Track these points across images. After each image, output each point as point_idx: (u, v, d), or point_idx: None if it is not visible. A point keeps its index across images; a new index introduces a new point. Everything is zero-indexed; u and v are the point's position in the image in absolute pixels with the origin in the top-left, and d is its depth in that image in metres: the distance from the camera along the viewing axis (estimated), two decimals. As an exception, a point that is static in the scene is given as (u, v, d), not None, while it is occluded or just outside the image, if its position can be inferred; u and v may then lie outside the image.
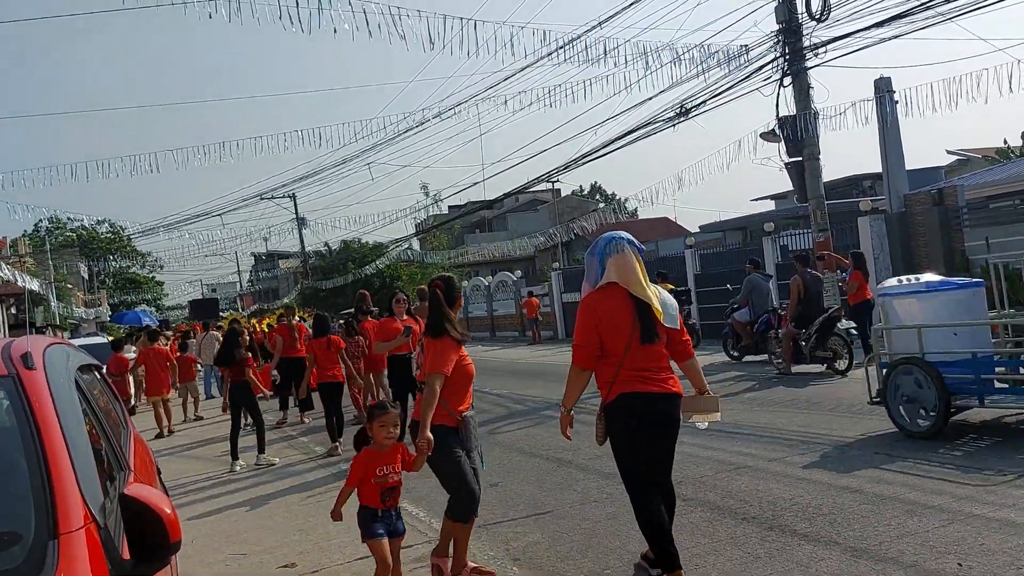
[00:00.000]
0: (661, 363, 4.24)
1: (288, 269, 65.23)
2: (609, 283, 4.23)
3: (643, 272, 4.26)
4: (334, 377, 10.15)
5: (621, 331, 4.16)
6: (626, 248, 4.25)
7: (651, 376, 4.17)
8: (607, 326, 4.18)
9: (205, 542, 6.35)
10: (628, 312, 4.17)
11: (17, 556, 1.95)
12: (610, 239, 4.32)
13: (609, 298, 4.22)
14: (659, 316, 4.19)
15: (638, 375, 4.14)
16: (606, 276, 4.24)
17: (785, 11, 15.01)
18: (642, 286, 4.20)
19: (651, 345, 4.18)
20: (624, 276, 4.20)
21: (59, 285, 33.40)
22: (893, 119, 16.67)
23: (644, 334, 4.15)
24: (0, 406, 2.52)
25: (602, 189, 75.60)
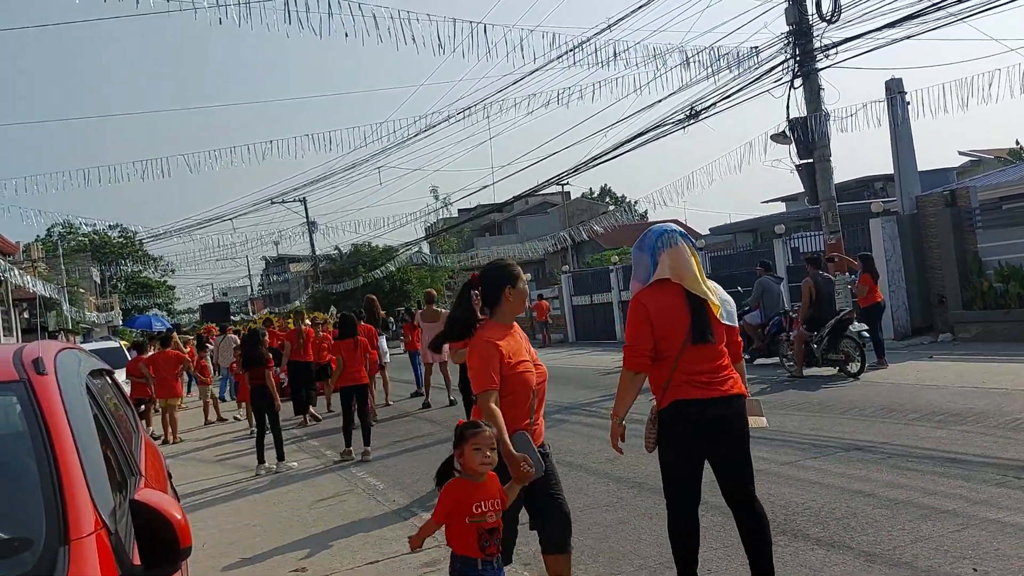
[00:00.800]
0: (721, 363, 3.90)
1: (299, 273, 65.39)
2: (662, 279, 3.91)
3: (699, 266, 3.94)
4: (359, 379, 9.90)
5: (675, 330, 3.83)
6: (679, 241, 3.93)
7: (709, 379, 3.85)
8: (660, 325, 3.85)
9: (215, 547, 6.36)
10: (683, 309, 3.85)
11: (28, 562, 1.96)
12: (661, 232, 3.99)
13: (662, 295, 3.90)
14: (716, 313, 3.90)
15: (694, 379, 3.82)
16: (658, 271, 3.91)
17: (795, 12, 14.96)
18: (698, 281, 3.88)
19: (708, 345, 3.86)
20: (678, 271, 3.88)
21: (71, 290, 33.57)
22: (904, 120, 16.59)
23: (700, 332, 3.84)
24: (12, 411, 2.53)
25: (612, 191, 75.48)
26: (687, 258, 3.90)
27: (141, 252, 53.50)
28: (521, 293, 3.95)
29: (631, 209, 29.03)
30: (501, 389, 3.73)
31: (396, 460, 9.29)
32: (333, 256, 48.91)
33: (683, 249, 3.91)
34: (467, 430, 3.55)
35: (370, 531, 6.33)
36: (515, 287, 3.92)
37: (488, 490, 3.52)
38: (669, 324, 3.84)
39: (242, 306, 77.55)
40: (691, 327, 3.82)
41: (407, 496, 7.39)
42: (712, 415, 3.83)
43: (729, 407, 3.87)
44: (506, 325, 3.93)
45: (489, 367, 3.73)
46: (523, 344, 3.95)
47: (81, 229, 55.08)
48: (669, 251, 3.90)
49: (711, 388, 3.83)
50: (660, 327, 3.85)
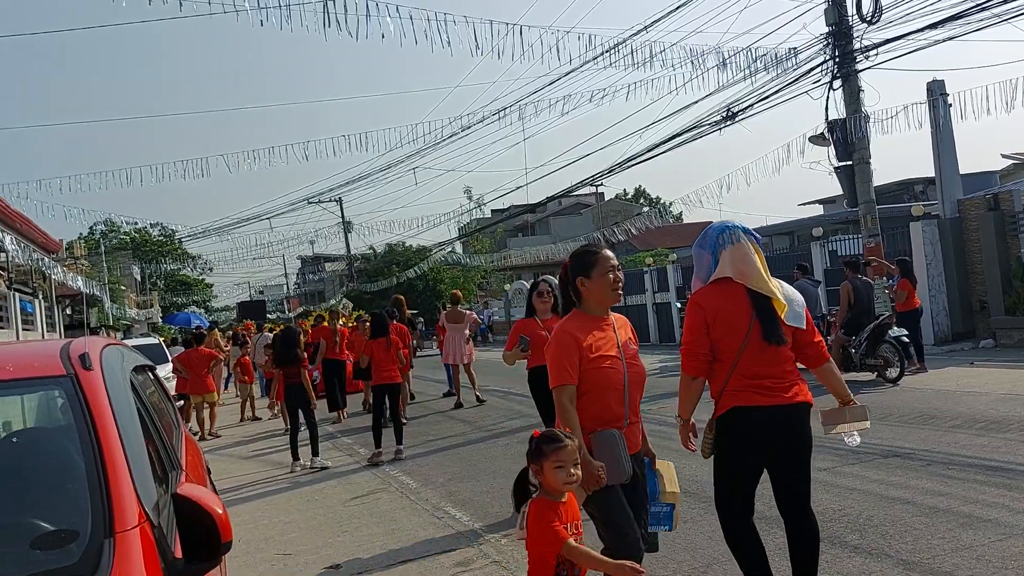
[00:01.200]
0: (785, 368, 3.65)
1: (334, 272, 65.95)
2: (723, 278, 3.71)
3: (763, 264, 3.71)
4: (391, 378, 9.85)
5: (735, 331, 3.62)
6: (742, 237, 3.71)
7: (773, 385, 3.60)
8: (719, 326, 3.63)
9: (250, 543, 6.44)
10: (744, 309, 3.63)
11: (74, 554, 2.00)
12: (723, 228, 3.77)
13: (721, 294, 3.69)
14: (782, 313, 3.64)
15: (755, 384, 3.59)
16: (719, 270, 3.71)
17: (835, 13, 14.80)
18: (763, 278, 3.65)
19: (772, 347, 3.60)
20: (740, 269, 3.66)
21: (113, 287, 34.16)
22: (946, 122, 16.31)
23: (766, 332, 3.59)
24: (59, 405, 2.59)
25: (646, 193, 75.21)
26: (750, 255, 3.69)
27: (180, 250, 54.28)
28: (599, 282, 3.56)
29: (666, 211, 28.79)
30: (581, 385, 3.44)
31: (429, 459, 9.33)
32: (368, 255, 49.27)
33: (746, 246, 3.70)
34: (547, 444, 3.12)
35: (403, 529, 6.37)
36: (589, 276, 3.57)
37: (570, 510, 3.12)
38: (727, 325, 3.63)
39: (278, 304, 78.40)
40: (756, 327, 3.61)
41: (439, 495, 7.42)
42: (775, 424, 3.60)
43: (794, 416, 3.64)
44: (594, 316, 3.60)
45: (565, 360, 3.44)
46: (616, 337, 3.59)
47: (122, 227, 56.09)
48: (731, 248, 3.70)
49: (774, 395, 3.59)
50: (717, 328, 3.64)
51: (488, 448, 9.58)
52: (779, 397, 3.59)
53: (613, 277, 3.58)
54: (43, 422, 3.26)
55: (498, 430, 10.85)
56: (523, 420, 11.49)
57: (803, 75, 15.36)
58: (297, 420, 9.77)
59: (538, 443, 3.15)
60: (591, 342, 3.48)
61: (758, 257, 3.71)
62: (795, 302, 3.73)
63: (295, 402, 9.75)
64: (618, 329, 3.64)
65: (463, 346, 14.18)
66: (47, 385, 2.63)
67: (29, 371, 2.64)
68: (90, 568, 1.93)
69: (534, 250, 43.56)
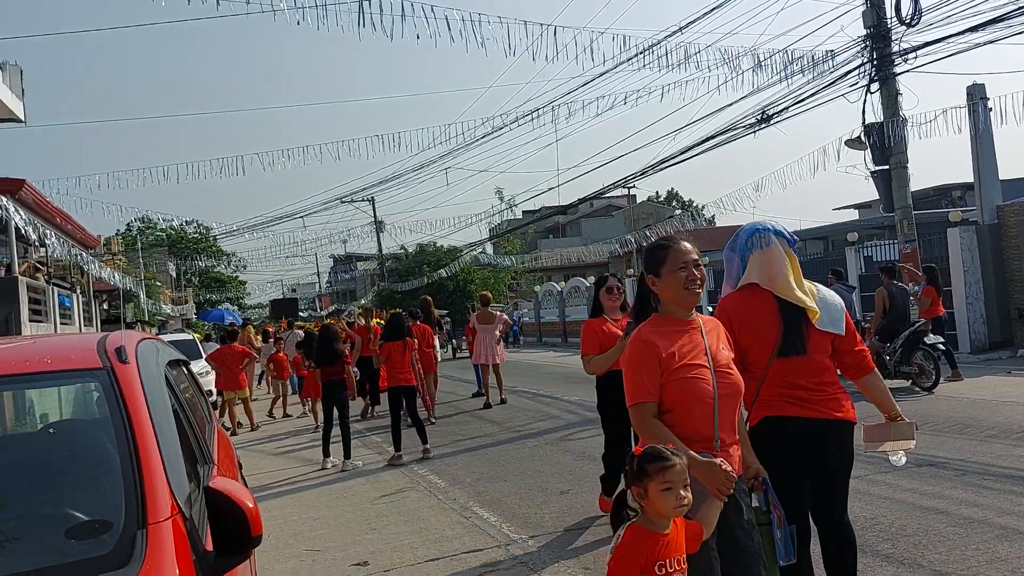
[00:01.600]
0: (822, 378, 3.44)
1: (365, 271, 66.35)
2: (750, 284, 3.53)
3: (795, 268, 3.50)
4: (407, 380, 9.88)
5: (764, 340, 3.42)
6: (772, 240, 3.50)
7: (807, 396, 3.39)
8: (746, 334, 3.43)
9: (279, 539, 6.49)
10: (772, 318, 3.43)
11: (108, 544, 2.02)
12: (753, 231, 3.54)
13: (748, 301, 3.50)
14: (814, 319, 3.44)
15: (788, 393, 3.39)
16: (746, 275, 3.53)
17: (874, 16, 14.63)
18: (790, 285, 3.44)
19: (801, 357, 3.41)
20: (767, 274, 3.47)
21: (148, 283, 34.64)
22: (986, 127, 16.05)
23: (789, 344, 3.39)
24: (95, 397, 2.63)
25: (679, 195, 74.76)
26: (779, 260, 3.48)
27: (215, 248, 54.95)
28: (671, 280, 2.97)
29: (698, 214, 28.60)
30: (662, 401, 2.90)
31: (457, 459, 9.35)
32: (399, 255, 49.50)
33: (776, 250, 3.49)
34: (651, 463, 2.59)
35: (431, 528, 6.39)
36: (659, 275, 3.01)
37: (674, 543, 2.61)
38: (755, 333, 3.43)
39: (310, 303, 79.06)
40: (780, 337, 3.40)
41: (467, 495, 7.43)
42: (809, 439, 3.39)
43: (831, 433, 3.41)
44: (676, 319, 3.01)
45: (643, 373, 2.90)
46: (704, 343, 2.98)
47: (159, 224, 56.90)
48: (759, 252, 3.50)
49: (809, 406, 3.39)
50: (744, 337, 3.43)
51: (516, 449, 9.58)
52: (814, 409, 3.39)
53: (687, 274, 2.96)
54: (79, 414, 3.31)
55: (527, 431, 10.84)
56: (552, 422, 11.48)
57: (840, 78, 15.21)
58: (331, 418, 9.77)
59: (640, 462, 2.62)
60: (673, 350, 2.91)
61: (790, 261, 3.50)
62: (832, 306, 3.51)
63: (332, 401, 9.77)
64: (707, 333, 3.02)
65: (494, 347, 14.27)
66: (84, 377, 2.66)
67: (66, 363, 2.68)
68: (123, 558, 1.96)
69: (565, 252, 43.58)
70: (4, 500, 2.32)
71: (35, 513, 2.26)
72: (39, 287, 14.83)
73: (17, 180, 13.66)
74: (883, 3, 14.63)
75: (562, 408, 12.89)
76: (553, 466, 8.35)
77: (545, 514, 6.49)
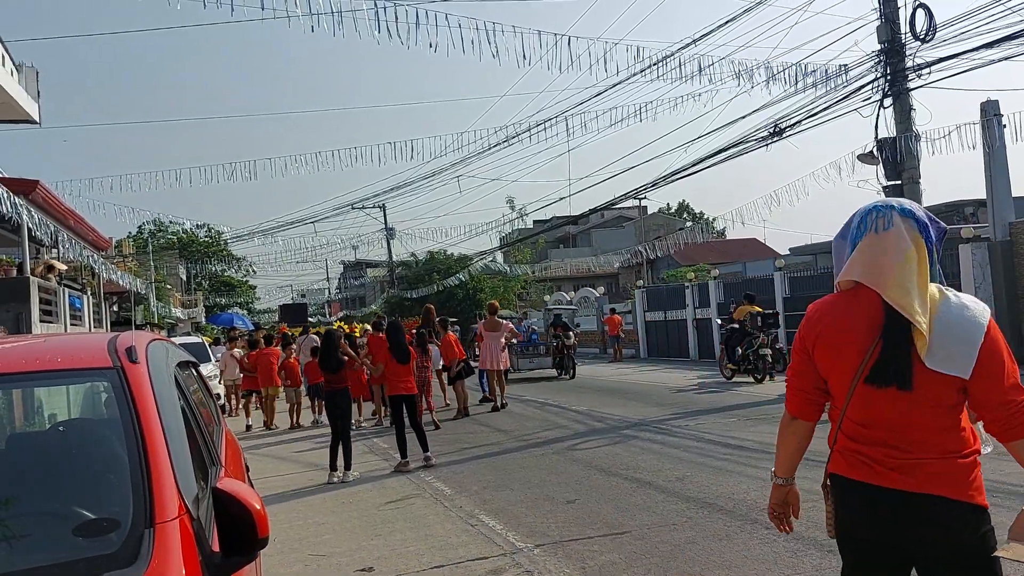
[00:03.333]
0: (915, 437, 2.32)
1: (375, 278, 66.46)
2: (853, 283, 2.48)
3: (922, 266, 2.37)
4: (408, 389, 9.84)
5: (844, 361, 2.41)
6: (895, 223, 2.42)
7: (885, 455, 2.35)
8: (825, 351, 2.47)
9: (285, 543, 6.49)
10: (867, 330, 2.38)
11: (115, 542, 2.03)
12: (870, 209, 2.49)
13: (844, 305, 2.48)
14: (920, 344, 2.29)
15: (860, 448, 2.40)
16: (847, 269, 2.49)
17: (888, 31, 14.62)
18: (900, 287, 2.33)
19: (897, 392, 2.31)
20: (872, 269, 2.41)
21: (159, 286, 34.79)
22: (1000, 144, 16.01)
23: (882, 369, 2.33)
24: (105, 396, 2.64)
25: (690, 207, 74.70)
26: (896, 249, 2.39)
27: (226, 252, 55.12)
28: None
29: (709, 226, 28.59)
30: None
31: (463, 466, 9.34)
32: (409, 262, 49.58)
33: (895, 236, 2.40)
34: None
35: (436, 535, 6.37)
36: None
37: None
38: (836, 351, 2.44)
39: (319, 308, 79.23)
40: (873, 356, 2.35)
41: (473, 503, 7.41)
42: (880, 520, 2.37)
43: (917, 513, 2.31)
44: None
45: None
46: None
47: (170, 227, 57.10)
48: (871, 237, 2.44)
49: (883, 471, 2.35)
50: (822, 354, 2.47)
51: (524, 458, 9.57)
52: (890, 477, 2.34)
53: None
54: (89, 413, 3.32)
55: (534, 440, 10.82)
56: (559, 431, 11.46)
57: (853, 92, 15.19)
58: (338, 427, 9.47)
59: None
60: None
61: (917, 255, 2.39)
62: (957, 334, 2.30)
63: (334, 409, 9.60)
64: None
65: (499, 353, 14.92)
66: (94, 376, 2.67)
67: (77, 362, 2.69)
68: (130, 557, 1.96)
69: (575, 262, 43.60)
70: (13, 497, 2.33)
71: (43, 510, 2.27)
72: (51, 288, 14.90)
73: (31, 181, 13.74)
74: (898, 18, 14.62)
75: (570, 418, 12.87)
76: (560, 475, 8.33)
77: (551, 523, 6.47)
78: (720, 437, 9.77)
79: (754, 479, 7.34)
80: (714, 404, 13.42)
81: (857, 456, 2.41)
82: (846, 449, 2.45)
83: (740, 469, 7.88)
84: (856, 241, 2.49)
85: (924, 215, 2.47)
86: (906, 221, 2.44)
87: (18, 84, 15.06)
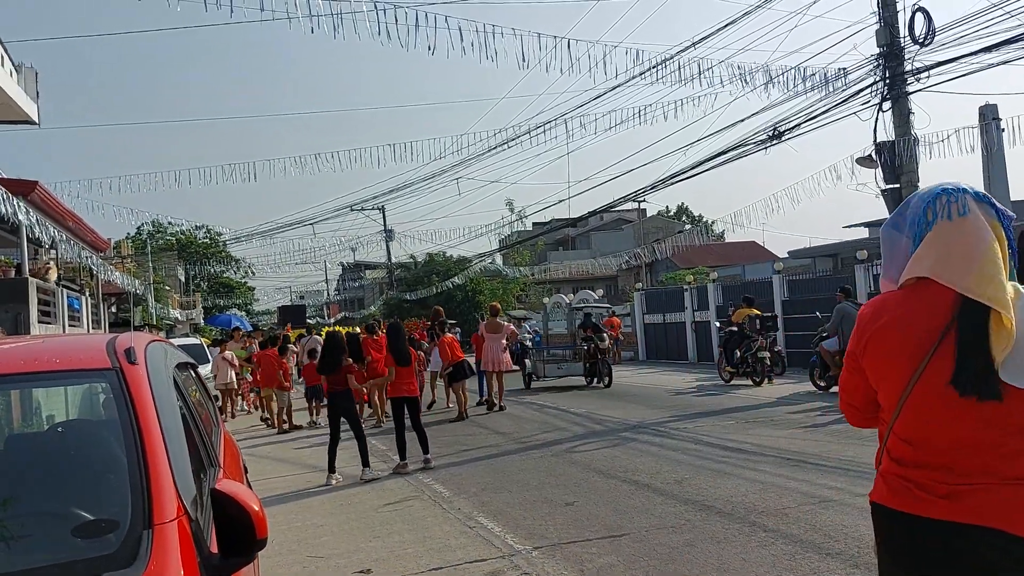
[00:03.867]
0: (985, 452, 1.94)
1: (374, 280, 66.45)
2: (918, 277, 2.08)
3: (1004, 256, 2.02)
4: (410, 391, 9.79)
5: (897, 365, 2.05)
6: (970, 206, 2.06)
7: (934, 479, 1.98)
8: (877, 355, 2.11)
9: (283, 544, 6.49)
10: (930, 329, 2.00)
11: (113, 543, 2.03)
12: (938, 192, 2.10)
13: (901, 302, 2.10)
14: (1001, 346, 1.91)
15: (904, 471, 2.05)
16: (914, 262, 2.09)
17: (887, 35, 14.63)
18: (987, 275, 1.95)
19: (971, 403, 1.92)
20: (949, 260, 2.02)
21: (157, 287, 34.76)
22: (998, 148, 16.02)
23: (962, 369, 1.93)
24: (103, 397, 2.64)
25: (689, 210, 74.73)
26: (978, 238, 2.02)
27: (225, 253, 55.08)
28: None
29: (708, 229, 28.64)
30: None
31: (462, 468, 9.34)
32: (408, 264, 49.59)
33: (974, 223, 2.04)
34: None
35: (434, 537, 6.37)
36: None
37: None
38: (888, 353, 2.08)
39: (318, 310, 79.20)
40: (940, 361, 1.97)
41: (472, 505, 7.41)
42: (933, 552, 1.98)
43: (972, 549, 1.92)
44: None
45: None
46: None
47: (169, 229, 57.06)
48: (944, 225, 2.06)
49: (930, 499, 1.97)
50: (876, 361, 2.12)
51: (522, 460, 9.57)
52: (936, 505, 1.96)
53: None
54: (87, 414, 3.32)
55: (533, 443, 10.82)
56: (558, 433, 11.46)
57: (852, 96, 15.21)
58: (338, 430, 9.45)
59: None
60: None
61: (995, 246, 2.01)
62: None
63: (338, 410, 9.53)
64: None
65: (499, 354, 14.97)
66: (92, 377, 2.67)
67: (76, 363, 2.69)
68: (128, 558, 1.96)
69: (574, 264, 43.60)
70: (12, 498, 2.33)
71: (42, 511, 2.27)
72: (49, 288, 14.90)
73: (30, 182, 13.74)
74: (897, 22, 14.63)
75: (569, 420, 12.87)
76: (558, 477, 8.33)
77: (549, 525, 6.47)
78: (719, 440, 9.77)
79: (752, 482, 7.34)
80: (712, 407, 13.42)
81: (901, 481, 2.05)
82: (889, 473, 2.10)
83: (738, 472, 7.88)
84: (921, 234, 2.10)
85: (991, 198, 2.13)
86: (982, 206, 2.09)
87: (17, 84, 15.05)
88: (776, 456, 8.47)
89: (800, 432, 10.07)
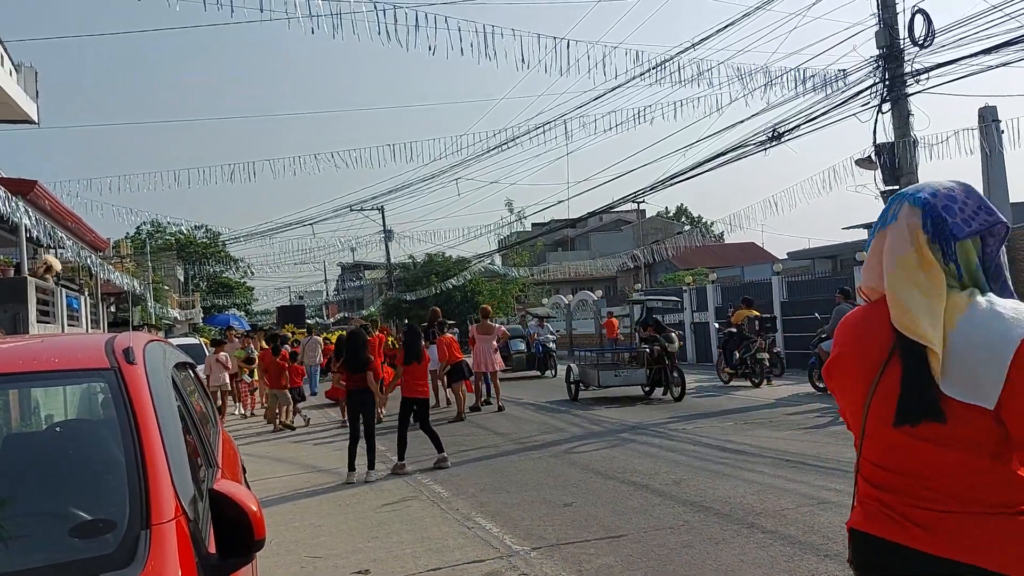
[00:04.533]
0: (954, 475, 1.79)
1: (373, 280, 66.44)
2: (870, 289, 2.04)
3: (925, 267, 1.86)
4: (421, 392, 9.81)
5: (853, 388, 1.97)
6: (902, 213, 1.93)
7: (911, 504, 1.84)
8: (839, 376, 2.05)
9: (281, 544, 6.48)
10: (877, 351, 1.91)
11: (111, 543, 2.03)
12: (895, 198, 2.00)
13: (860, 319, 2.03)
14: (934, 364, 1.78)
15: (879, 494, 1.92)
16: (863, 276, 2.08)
17: (887, 36, 14.63)
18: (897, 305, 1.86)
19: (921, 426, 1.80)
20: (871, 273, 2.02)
21: (156, 286, 34.73)
22: (998, 149, 16.02)
23: (906, 400, 1.82)
24: (101, 397, 2.64)
25: (688, 211, 74.79)
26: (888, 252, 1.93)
27: (224, 253, 55.06)
28: None
29: (707, 230, 28.67)
30: None
31: (461, 469, 9.33)
32: (407, 265, 49.58)
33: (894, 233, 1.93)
34: None
35: (433, 538, 6.37)
36: None
37: None
38: (846, 374, 2.01)
39: (317, 310, 79.21)
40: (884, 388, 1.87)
41: (470, 505, 7.41)
42: None
43: None
44: None
45: None
46: None
47: (168, 228, 57.04)
48: (878, 235, 1.99)
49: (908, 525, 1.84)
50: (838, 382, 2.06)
51: (521, 461, 9.56)
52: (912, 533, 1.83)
53: None
54: (85, 413, 3.32)
55: (531, 443, 10.82)
56: (557, 434, 11.46)
57: (852, 97, 15.21)
58: (358, 427, 9.42)
59: None
60: None
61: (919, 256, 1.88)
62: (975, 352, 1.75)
63: (358, 407, 9.51)
64: None
65: (491, 356, 15.18)
66: (91, 377, 2.67)
67: (74, 363, 2.69)
68: (126, 558, 1.96)
69: (573, 265, 43.64)
70: (10, 497, 2.33)
71: (40, 511, 2.27)
72: (48, 288, 14.88)
73: (29, 181, 13.73)
74: (896, 24, 14.64)
75: (567, 421, 12.87)
76: (557, 478, 8.33)
77: (548, 526, 6.47)
78: (717, 441, 9.77)
79: (751, 483, 7.34)
80: (711, 408, 13.42)
81: (877, 505, 1.92)
82: (866, 497, 1.97)
83: (737, 473, 7.88)
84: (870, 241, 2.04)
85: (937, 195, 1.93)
86: (913, 213, 1.91)
87: (17, 84, 15.04)
88: (775, 457, 8.48)
89: (799, 433, 10.08)
